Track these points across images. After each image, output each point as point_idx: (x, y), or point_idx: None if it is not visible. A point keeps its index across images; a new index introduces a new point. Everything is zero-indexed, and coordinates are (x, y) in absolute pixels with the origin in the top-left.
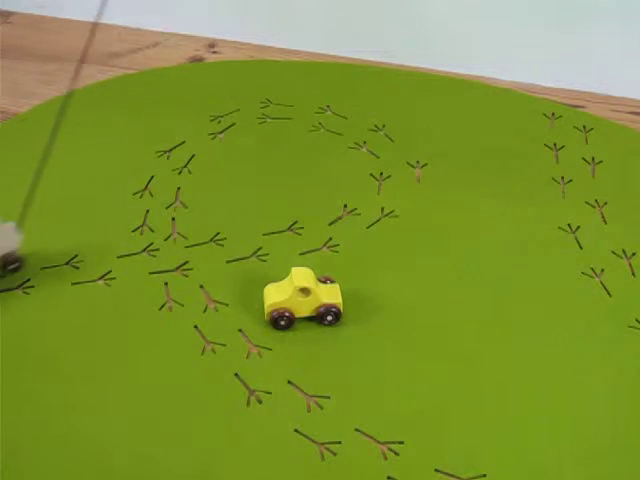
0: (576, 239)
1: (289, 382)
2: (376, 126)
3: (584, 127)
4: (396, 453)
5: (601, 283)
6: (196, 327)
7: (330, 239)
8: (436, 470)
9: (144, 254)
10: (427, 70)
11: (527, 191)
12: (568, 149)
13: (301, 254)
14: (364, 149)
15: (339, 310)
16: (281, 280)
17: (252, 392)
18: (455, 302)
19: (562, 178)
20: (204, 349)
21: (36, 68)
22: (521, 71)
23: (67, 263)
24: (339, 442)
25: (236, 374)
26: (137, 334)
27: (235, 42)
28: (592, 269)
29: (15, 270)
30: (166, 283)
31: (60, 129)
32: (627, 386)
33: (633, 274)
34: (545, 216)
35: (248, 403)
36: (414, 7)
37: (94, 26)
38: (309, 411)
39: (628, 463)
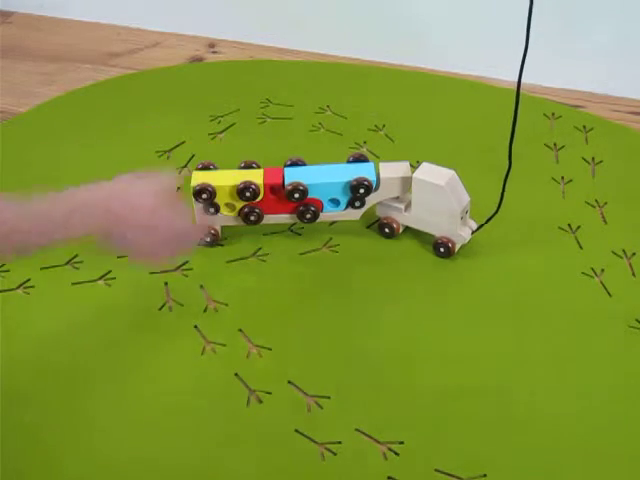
0: (576, 239)
1: (289, 382)
2: (376, 126)
3: (584, 127)
4: (396, 453)
5: (601, 283)
6: (196, 327)
7: (330, 239)
8: (436, 470)
9: None
10: (427, 70)
11: (527, 191)
12: (568, 149)
13: (301, 254)
14: (364, 149)
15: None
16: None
17: (252, 392)
18: (454, 301)
19: (562, 178)
20: (204, 349)
21: (36, 68)
22: None
23: (67, 263)
24: (339, 442)
25: (236, 374)
26: (137, 334)
27: (235, 42)
28: (592, 269)
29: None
30: (166, 283)
31: (60, 129)
32: (627, 386)
33: (633, 274)
34: (545, 216)
35: (248, 403)
36: (414, 7)
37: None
38: (309, 411)
39: (628, 463)
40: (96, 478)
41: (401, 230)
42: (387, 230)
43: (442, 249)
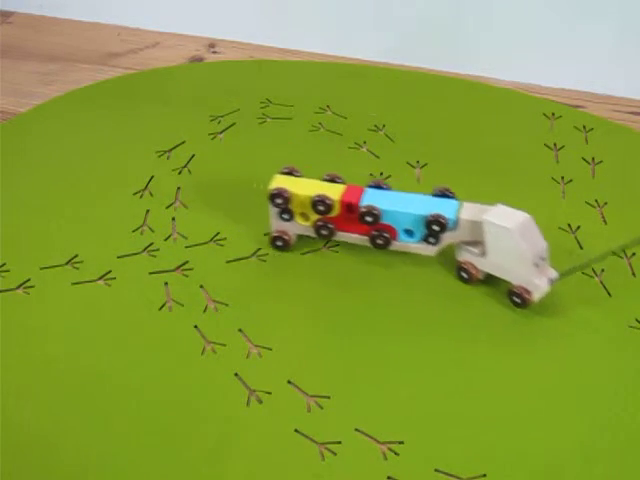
0: (576, 239)
1: (289, 382)
2: (376, 126)
3: (584, 127)
4: (396, 453)
5: (601, 283)
6: (196, 327)
7: None
8: (436, 470)
9: (144, 254)
10: (427, 70)
11: (527, 191)
12: (568, 149)
13: (301, 254)
14: (364, 149)
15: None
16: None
17: (252, 392)
18: (455, 301)
19: (562, 178)
20: (204, 349)
21: (36, 68)
22: (521, 71)
23: (67, 263)
24: (339, 442)
25: (236, 374)
26: (137, 334)
27: (235, 42)
28: (592, 269)
29: None
30: (166, 283)
31: (60, 129)
32: (627, 386)
33: (633, 274)
34: (545, 216)
35: (248, 403)
36: (414, 7)
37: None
38: (309, 411)
39: (628, 463)
40: (95, 477)
41: (481, 277)
42: (464, 275)
43: (516, 299)
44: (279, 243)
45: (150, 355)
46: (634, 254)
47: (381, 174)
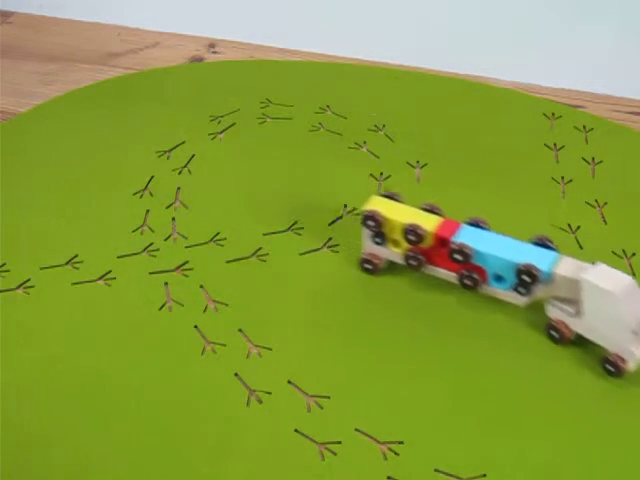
0: (576, 239)
1: (289, 382)
2: (376, 126)
3: (584, 127)
4: (396, 453)
5: None
6: (196, 327)
7: (330, 239)
8: (436, 470)
9: (144, 254)
10: (427, 70)
11: (527, 191)
12: (568, 149)
13: (301, 254)
14: (364, 149)
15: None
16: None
17: (252, 392)
18: (456, 300)
19: (562, 178)
20: (204, 349)
21: (36, 68)
22: (521, 71)
23: (67, 263)
24: (339, 442)
25: (236, 374)
26: (137, 334)
27: (235, 42)
28: None
29: None
30: (166, 283)
31: (60, 129)
32: (627, 387)
33: (633, 274)
34: (545, 216)
35: (248, 403)
36: (414, 7)
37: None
38: (309, 411)
39: (628, 464)
40: (95, 477)
41: (572, 337)
42: (554, 334)
43: (610, 367)
44: (367, 266)
45: (150, 355)
46: (634, 254)
47: (381, 174)
